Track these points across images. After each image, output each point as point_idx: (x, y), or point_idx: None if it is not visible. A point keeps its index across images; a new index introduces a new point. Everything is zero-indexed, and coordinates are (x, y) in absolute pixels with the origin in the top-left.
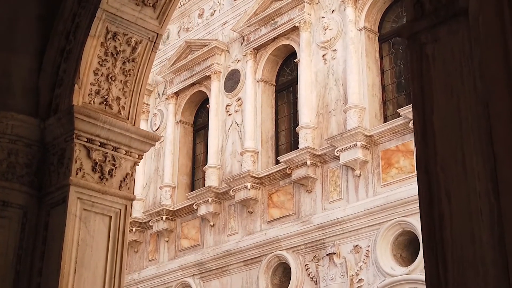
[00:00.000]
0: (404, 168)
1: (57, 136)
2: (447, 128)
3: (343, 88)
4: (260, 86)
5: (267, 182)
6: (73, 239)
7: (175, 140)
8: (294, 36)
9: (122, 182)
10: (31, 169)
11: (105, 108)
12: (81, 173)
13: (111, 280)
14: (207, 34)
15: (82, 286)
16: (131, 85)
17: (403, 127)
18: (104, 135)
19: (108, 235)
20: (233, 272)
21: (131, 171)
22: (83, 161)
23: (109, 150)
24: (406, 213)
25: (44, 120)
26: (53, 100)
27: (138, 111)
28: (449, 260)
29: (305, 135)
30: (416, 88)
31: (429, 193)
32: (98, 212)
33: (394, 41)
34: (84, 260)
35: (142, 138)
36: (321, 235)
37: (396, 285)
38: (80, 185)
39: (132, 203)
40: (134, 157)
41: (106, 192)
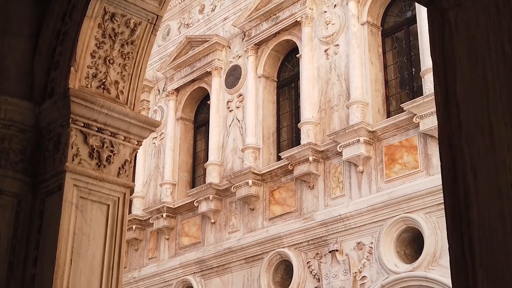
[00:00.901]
0: (407, 164)
1: (52, 121)
2: (472, 98)
3: (345, 83)
4: (262, 82)
5: (269, 179)
6: (69, 228)
7: (176, 137)
8: (295, 31)
9: (121, 169)
10: (25, 156)
11: (103, 92)
12: (77, 159)
13: (109, 271)
14: (208, 30)
15: (79, 276)
16: (130, 69)
17: (406, 122)
18: (101, 120)
19: (106, 224)
20: (234, 270)
21: (130, 158)
22: (80, 146)
23: (107, 136)
24: (410, 209)
25: (39, 104)
26: (49, 84)
27: (137, 96)
28: (476, 241)
29: (307, 131)
30: (437, 57)
31: (452, 169)
32: (95, 200)
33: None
34: (81, 250)
35: (141, 124)
36: (324, 232)
37: (400, 282)
38: (76, 172)
39: (130, 191)
40: (133, 143)
41: (103, 179)
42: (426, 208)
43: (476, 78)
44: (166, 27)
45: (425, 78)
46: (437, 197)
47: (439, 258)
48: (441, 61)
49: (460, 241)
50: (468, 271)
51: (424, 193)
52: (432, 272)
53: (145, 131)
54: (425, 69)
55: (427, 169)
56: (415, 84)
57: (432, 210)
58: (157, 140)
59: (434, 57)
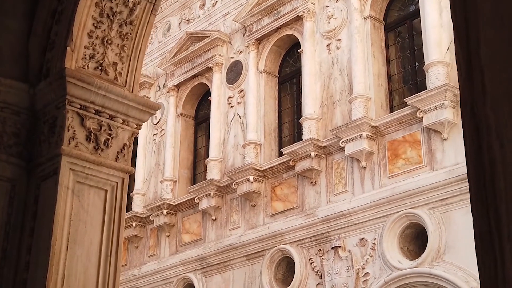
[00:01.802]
0: (411, 159)
1: (48, 103)
2: (497, 62)
3: (348, 78)
4: (263, 78)
5: (270, 175)
6: (65, 214)
7: (176, 133)
8: (297, 26)
9: (119, 153)
10: (20, 139)
11: (101, 74)
12: (74, 142)
13: (107, 258)
14: (209, 25)
15: (75, 264)
16: (128, 50)
17: (410, 117)
18: (99, 102)
19: (104, 210)
20: (235, 267)
21: (129, 142)
22: (76, 129)
23: (104, 119)
24: (413, 205)
25: (34, 85)
26: (44, 65)
27: (136, 78)
28: (503, 212)
29: (309, 126)
30: (459, 19)
31: (477, 138)
32: (92, 185)
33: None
34: (78, 237)
35: (140, 106)
36: (326, 228)
37: (404, 279)
38: (72, 155)
39: (129, 177)
40: (132, 126)
41: (101, 163)
42: (430, 203)
43: (502, 41)
44: (166, 23)
45: (428, 72)
46: (441, 192)
47: (443, 254)
48: (462, 21)
49: (485, 214)
50: (495, 246)
51: (428, 189)
52: (436, 268)
53: (145, 114)
54: (428, 63)
55: (431, 164)
56: (419, 79)
57: (436, 205)
58: (158, 137)
59: (455, 18)
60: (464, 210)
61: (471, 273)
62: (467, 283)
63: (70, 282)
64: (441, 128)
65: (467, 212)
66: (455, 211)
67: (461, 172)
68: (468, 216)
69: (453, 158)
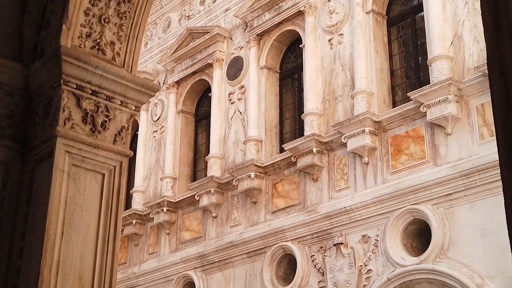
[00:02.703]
0: (414, 154)
1: (42, 83)
2: None
3: (350, 73)
4: (264, 73)
5: (271, 171)
6: (60, 198)
7: (176, 130)
8: (299, 21)
9: (117, 136)
10: (13, 121)
11: (98, 54)
12: (69, 124)
13: (105, 245)
14: (209, 21)
15: (71, 249)
16: (127, 29)
17: (413, 112)
18: (96, 82)
19: (101, 195)
20: (236, 265)
21: (127, 124)
22: (72, 110)
23: (102, 100)
24: (416, 200)
25: (28, 65)
26: (39, 44)
27: (135, 59)
28: None
29: (310, 122)
30: None
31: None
32: (89, 169)
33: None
34: (73, 222)
35: (139, 88)
36: (328, 224)
37: (407, 276)
38: (68, 137)
39: (128, 160)
40: (130, 108)
41: (98, 146)
42: (434, 199)
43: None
44: (166, 19)
45: (432, 67)
46: (444, 188)
47: (447, 250)
48: None
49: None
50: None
51: (431, 184)
52: (440, 265)
53: (144, 96)
54: (432, 57)
55: (435, 160)
56: (422, 74)
57: (440, 201)
58: (158, 134)
59: None
60: (468, 205)
61: (475, 269)
62: (472, 279)
63: (65, 269)
64: (445, 123)
65: (471, 208)
66: (459, 207)
67: (465, 167)
68: (472, 212)
69: (457, 153)
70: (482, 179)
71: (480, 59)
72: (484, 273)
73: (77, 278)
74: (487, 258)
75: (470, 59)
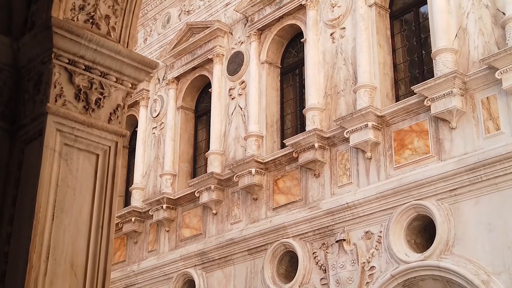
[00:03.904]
0: (418, 149)
1: (33, 58)
2: None
3: (352, 68)
4: (265, 68)
5: (272, 167)
6: (51, 179)
7: (176, 126)
8: (300, 15)
9: (112, 114)
10: (2, 98)
11: (92, 27)
12: (61, 101)
13: (98, 229)
14: (209, 16)
15: (62, 234)
16: (122, 3)
17: (417, 106)
18: (89, 57)
19: (95, 177)
20: (236, 262)
21: (123, 102)
22: (64, 86)
23: (96, 76)
24: (420, 196)
25: (17, 40)
26: (29, 18)
27: (131, 34)
28: None
29: (312, 117)
30: None
31: None
32: (82, 149)
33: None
34: (65, 204)
35: (136, 64)
36: (330, 221)
37: (411, 272)
38: (60, 115)
39: (123, 141)
40: (126, 86)
41: (92, 124)
42: (438, 194)
43: None
44: (166, 14)
45: (436, 60)
46: (449, 183)
47: (452, 246)
48: None
49: None
50: None
51: (436, 179)
52: (445, 261)
53: (141, 73)
54: (436, 50)
55: (439, 154)
56: (425, 68)
57: (445, 196)
58: (157, 130)
59: None
60: (474, 201)
61: (481, 265)
62: (477, 276)
63: (56, 254)
64: (449, 116)
65: (476, 203)
66: (464, 202)
67: (470, 161)
68: (478, 207)
69: (462, 147)
70: (488, 174)
71: (485, 51)
72: (490, 269)
73: (68, 265)
74: (493, 254)
75: (475, 51)
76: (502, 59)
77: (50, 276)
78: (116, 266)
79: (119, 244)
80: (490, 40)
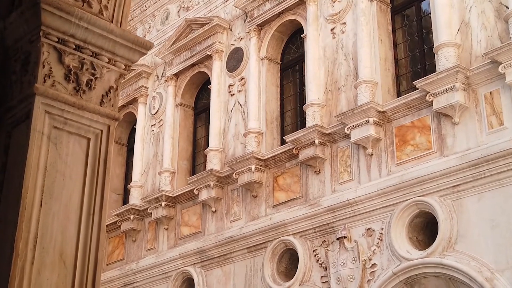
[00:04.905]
0: (420, 145)
1: (20, 37)
2: None
3: (353, 63)
4: (265, 64)
5: (272, 164)
6: (39, 163)
7: (175, 123)
8: (300, 10)
9: (104, 97)
10: None
11: (83, 6)
12: (50, 81)
13: (89, 217)
14: (209, 12)
15: (51, 221)
16: None
17: (419, 101)
18: (80, 36)
19: (86, 162)
20: (236, 260)
21: (116, 84)
22: (53, 66)
23: (87, 56)
24: (422, 192)
25: (4, 18)
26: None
27: (124, 13)
28: None
29: (312, 113)
30: None
31: None
32: (72, 132)
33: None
34: (54, 190)
35: (129, 44)
36: (331, 218)
37: (413, 270)
38: (48, 96)
39: (116, 124)
40: (119, 67)
41: (83, 107)
42: (441, 190)
43: None
44: (165, 11)
45: (438, 54)
46: (452, 179)
47: (454, 243)
48: None
49: None
50: None
51: (438, 175)
52: (448, 258)
53: (135, 53)
54: (438, 44)
55: (441, 150)
56: (427, 63)
57: (447, 192)
58: (156, 127)
59: None
60: (477, 197)
61: (484, 262)
62: (481, 273)
63: (44, 243)
64: (452, 112)
65: (480, 199)
66: (467, 198)
67: (473, 157)
68: (481, 203)
69: (464, 143)
70: (491, 170)
71: (488, 45)
72: (494, 266)
73: (57, 253)
74: (497, 250)
75: (478, 46)
76: (505, 53)
77: (38, 265)
78: (115, 264)
79: (118, 242)
80: (493, 34)
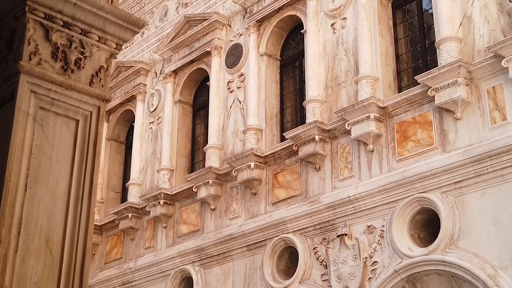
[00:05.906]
0: (421, 141)
1: (5, 13)
2: None
3: (353, 58)
4: (264, 61)
5: (272, 161)
6: (23, 145)
7: (174, 120)
8: (300, 5)
9: (94, 77)
10: None
11: None
12: (36, 59)
13: (78, 202)
14: (207, 8)
15: (37, 206)
16: None
17: (420, 97)
18: (69, 12)
19: (74, 144)
20: (235, 258)
21: (107, 64)
22: (40, 43)
23: (75, 33)
24: (424, 189)
25: None
26: None
27: None
28: None
29: (312, 109)
30: None
31: None
32: (60, 113)
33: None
34: (40, 174)
35: (121, 22)
36: (331, 215)
37: (415, 267)
38: (34, 74)
39: (106, 106)
40: (110, 46)
41: (71, 87)
42: (443, 187)
43: None
44: (163, 7)
45: (440, 49)
46: (454, 175)
47: (457, 240)
48: None
49: None
50: None
51: (440, 171)
52: (450, 256)
53: (126, 32)
54: (440, 39)
55: (443, 146)
56: (429, 58)
57: (449, 189)
58: (154, 125)
59: None
60: (479, 193)
61: (487, 259)
62: (483, 270)
63: (29, 229)
64: (454, 107)
65: (482, 195)
66: (469, 195)
67: (476, 153)
68: (484, 200)
69: (467, 138)
70: (494, 165)
71: (491, 40)
72: (497, 263)
73: (43, 240)
74: (500, 247)
75: (480, 40)
76: (508, 47)
77: (22, 253)
78: (113, 263)
79: (116, 241)
80: (495, 28)
